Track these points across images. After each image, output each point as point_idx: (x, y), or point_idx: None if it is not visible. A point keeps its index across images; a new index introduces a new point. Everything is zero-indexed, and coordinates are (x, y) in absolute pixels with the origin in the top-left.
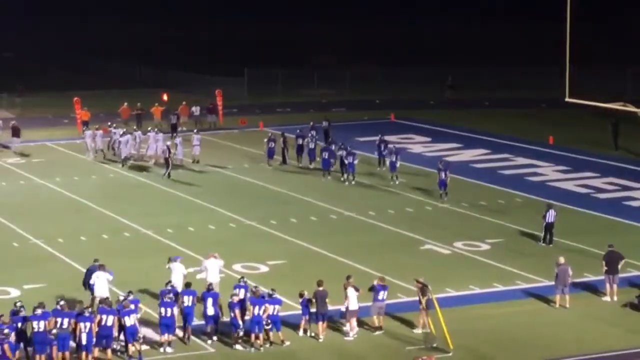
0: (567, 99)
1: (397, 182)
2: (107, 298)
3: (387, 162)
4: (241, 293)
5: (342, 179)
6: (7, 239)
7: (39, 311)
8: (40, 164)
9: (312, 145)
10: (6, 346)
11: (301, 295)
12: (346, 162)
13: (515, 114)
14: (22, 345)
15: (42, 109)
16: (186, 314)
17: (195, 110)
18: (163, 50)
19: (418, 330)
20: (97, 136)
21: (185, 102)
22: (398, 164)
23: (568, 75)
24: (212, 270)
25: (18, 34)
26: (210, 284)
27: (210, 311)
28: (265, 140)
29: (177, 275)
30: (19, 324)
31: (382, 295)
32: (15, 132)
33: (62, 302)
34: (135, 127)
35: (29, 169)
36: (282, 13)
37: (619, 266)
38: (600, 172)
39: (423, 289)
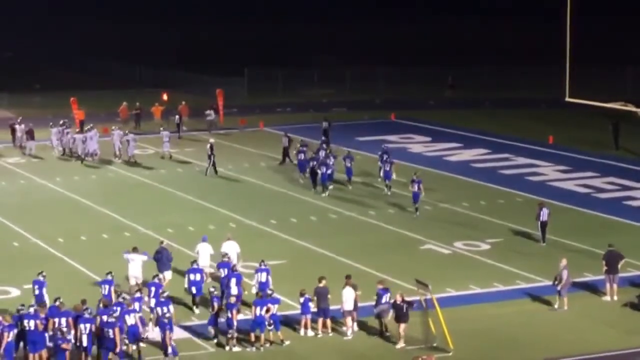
0: (567, 99)
1: (389, 193)
2: (138, 287)
3: (381, 171)
4: (262, 277)
5: (312, 190)
6: (7, 239)
7: (31, 310)
8: (40, 164)
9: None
10: (116, 330)
11: (302, 294)
12: (318, 172)
13: (515, 114)
14: (21, 344)
15: (42, 109)
16: (238, 282)
17: (210, 114)
18: (163, 50)
19: (399, 345)
20: (63, 134)
21: (184, 102)
22: (393, 175)
23: (568, 75)
24: (230, 253)
25: (18, 34)
26: (234, 265)
27: (234, 291)
28: (295, 152)
29: (204, 254)
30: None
31: (385, 298)
32: (30, 135)
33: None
34: (134, 127)
35: (29, 169)
36: (283, 13)
37: (619, 266)
38: (600, 172)
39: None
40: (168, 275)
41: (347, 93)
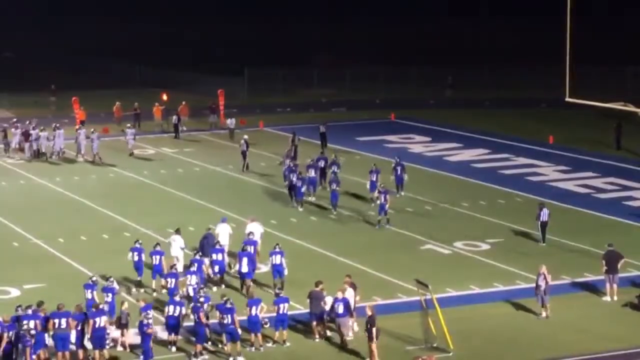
0: (567, 99)
1: (376, 203)
2: (175, 265)
3: (368, 182)
4: (276, 259)
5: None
6: (7, 239)
7: (29, 311)
8: (40, 164)
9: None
10: (202, 314)
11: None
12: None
13: (515, 114)
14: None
15: (42, 109)
16: (249, 260)
17: (231, 122)
18: (163, 50)
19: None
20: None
21: (185, 102)
22: (379, 184)
23: (568, 75)
24: (254, 232)
25: (18, 34)
26: (244, 245)
27: (245, 269)
28: (285, 156)
29: (224, 234)
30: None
31: (340, 308)
32: (26, 137)
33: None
34: (134, 127)
35: (29, 169)
36: (282, 13)
37: (619, 266)
38: (600, 172)
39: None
40: (209, 261)
41: (347, 93)
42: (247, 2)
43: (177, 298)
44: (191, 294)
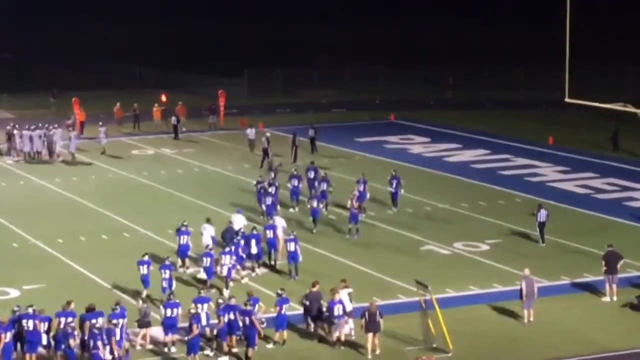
0: (567, 99)
1: (363, 215)
2: (208, 246)
3: (355, 190)
4: (291, 246)
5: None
6: (7, 239)
7: (30, 310)
8: (40, 164)
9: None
10: (253, 318)
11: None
12: (263, 205)
13: (515, 114)
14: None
15: (42, 109)
16: (270, 246)
17: (250, 133)
18: (163, 50)
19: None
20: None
21: (181, 102)
22: (367, 195)
23: (568, 75)
24: (278, 223)
25: (18, 34)
26: (254, 228)
27: (254, 250)
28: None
29: (239, 224)
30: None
31: (337, 310)
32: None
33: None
34: (133, 127)
35: (29, 169)
36: (282, 13)
37: (618, 266)
38: (600, 172)
39: None
40: None
41: (347, 93)
42: (247, 2)
43: (176, 300)
44: (224, 273)
